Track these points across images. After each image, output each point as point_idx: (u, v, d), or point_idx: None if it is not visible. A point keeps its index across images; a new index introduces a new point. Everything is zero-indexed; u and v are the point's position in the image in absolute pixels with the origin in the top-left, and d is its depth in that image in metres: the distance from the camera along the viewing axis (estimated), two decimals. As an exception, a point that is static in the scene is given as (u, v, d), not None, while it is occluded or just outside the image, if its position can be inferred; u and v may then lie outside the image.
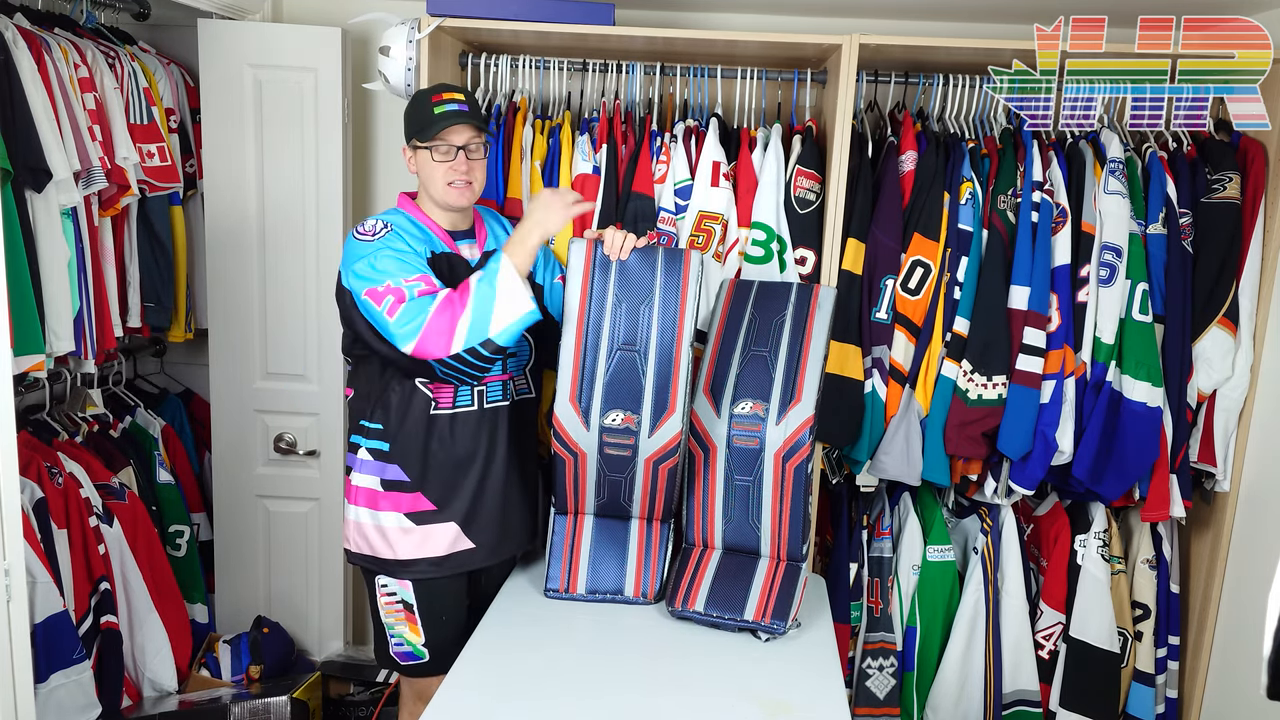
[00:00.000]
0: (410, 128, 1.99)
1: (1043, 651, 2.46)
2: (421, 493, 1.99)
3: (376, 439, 2.00)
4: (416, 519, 2.00)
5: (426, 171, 1.97)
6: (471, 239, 2.06)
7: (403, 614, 2.05)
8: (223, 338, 2.78)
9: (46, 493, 2.26)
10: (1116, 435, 2.27)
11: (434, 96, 1.96)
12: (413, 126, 1.98)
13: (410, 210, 2.02)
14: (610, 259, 2.04)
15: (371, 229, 1.92)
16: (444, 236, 2.00)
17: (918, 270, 2.30)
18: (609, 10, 2.26)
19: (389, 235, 1.90)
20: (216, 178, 2.69)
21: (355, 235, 1.93)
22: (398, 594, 2.04)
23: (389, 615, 2.06)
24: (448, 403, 1.98)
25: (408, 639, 2.06)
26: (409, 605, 2.04)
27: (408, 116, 2.00)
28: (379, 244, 1.88)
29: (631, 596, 2.06)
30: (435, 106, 1.94)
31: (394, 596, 2.04)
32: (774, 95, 2.51)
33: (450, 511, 2.01)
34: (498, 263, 1.85)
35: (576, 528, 2.12)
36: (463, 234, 2.05)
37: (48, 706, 2.16)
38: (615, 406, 1.98)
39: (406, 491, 2.00)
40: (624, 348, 2.00)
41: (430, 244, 1.97)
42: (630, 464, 2.01)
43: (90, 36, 2.46)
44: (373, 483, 2.00)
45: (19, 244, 2.05)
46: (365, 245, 1.89)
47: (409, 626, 2.05)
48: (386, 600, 2.05)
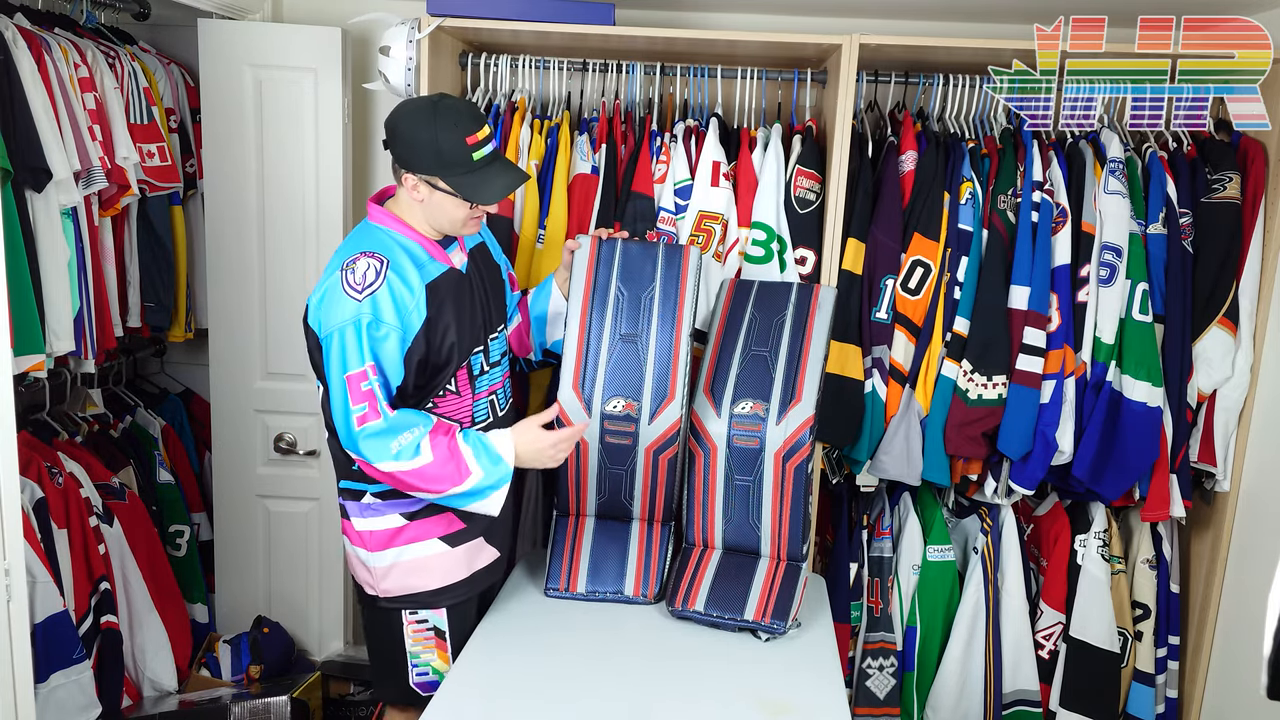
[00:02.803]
0: (430, 162, 1.73)
1: (1043, 651, 2.46)
2: (452, 511, 1.89)
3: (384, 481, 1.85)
4: (451, 540, 1.90)
5: (444, 208, 1.78)
6: (454, 242, 1.91)
7: (433, 642, 1.94)
8: (223, 338, 2.77)
9: (46, 493, 2.26)
10: (1116, 435, 2.27)
11: (468, 139, 1.73)
12: (435, 163, 1.73)
13: (393, 225, 1.83)
14: (612, 253, 2.04)
15: (361, 278, 1.72)
16: (434, 250, 1.85)
17: (918, 270, 2.30)
18: (609, 10, 2.26)
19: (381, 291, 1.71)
20: (216, 178, 2.69)
21: (344, 286, 1.71)
22: (429, 620, 1.93)
23: (417, 644, 1.94)
24: (467, 424, 1.90)
25: (434, 667, 1.95)
26: (441, 633, 1.94)
27: (425, 146, 1.72)
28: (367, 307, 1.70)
29: (631, 596, 2.06)
30: (473, 151, 1.73)
31: (425, 624, 1.93)
32: (774, 95, 2.51)
33: (477, 524, 1.92)
34: (503, 478, 1.80)
35: (577, 529, 2.13)
36: (447, 239, 1.90)
37: (48, 706, 2.16)
38: (616, 394, 2.02)
39: (434, 515, 1.89)
40: (626, 337, 2.04)
41: (424, 272, 1.80)
42: (630, 454, 2.03)
43: (90, 36, 2.46)
44: (391, 521, 1.87)
45: (19, 244, 2.04)
46: (351, 304, 1.70)
47: (438, 654, 1.95)
48: (417, 629, 1.93)
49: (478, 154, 1.74)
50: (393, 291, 1.73)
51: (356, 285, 1.72)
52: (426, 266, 1.82)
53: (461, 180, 1.75)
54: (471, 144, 1.73)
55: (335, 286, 1.73)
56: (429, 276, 1.81)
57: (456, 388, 1.87)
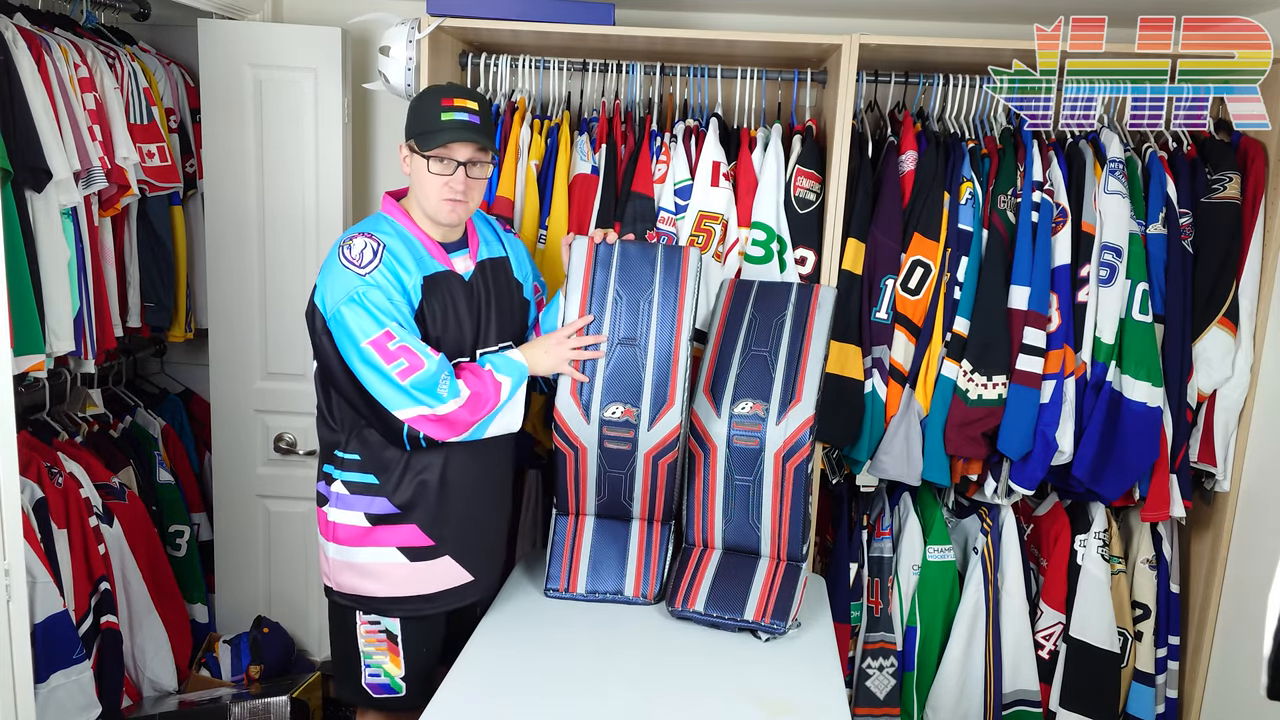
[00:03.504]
0: (412, 126, 1.83)
1: (1043, 651, 2.46)
2: (417, 525, 1.87)
3: (354, 470, 1.86)
4: (411, 554, 1.87)
5: (421, 179, 1.82)
6: (464, 249, 1.93)
7: (385, 644, 1.92)
8: (223, 338, 2.78)
9: (46, 493, 2.26)
10: (1116, 435, 2.27)
11: (444, 100, 1.79)
12: (414, 126, 1.82)
13: (399, 218, 1.87)
14: (610, 255, 2.04)
15: (359, 255, 1.76)
16: (436, 251, 1.86)
17: (918, 270, 2.30)
18: (609, 10, 2.26)
19: (378, 271, 1.76)
20: (216, 178, 2.69)
21: (342, 260, 1.76)
22: (381, 623, 1.92)
23: (369, 644, 1.92)
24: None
25: (386, 670, 1.93)
26: (393, 636, 1.91)
27: (412, 112, 1.84)
28: (370, 281, 1.74)
29: (631, 596, 2.06)
30: (443, 112, 1.78)
31: (377, 625, 1.91)
32: (774, 95, 2.51)
33: (447, 544, 1.90)
34: (522, 375, 1.89)
35: (577, 529, 2.12)
36: (455, 245, 1.91)
37: (48, 706, 2.16)
38: (615, 400, 2.00)
39: (399, 524, 1.87)
40: (624, 342, 2.02)
41: (422, 265, 1.83)
42: (630, 459, 2.02)
43: (90, 36, 2.46)
44: (355, 518, 1.86)
45: (19, 244, 2.04)
46: (352, 276, 1.74)
47: (390, 657, 1.92)
48: (369, 629, 1.91)
49: (446, 115, 1.79)
50: (390, 269, 1.79)
51: (355, 260, 1.77)
52: (425, 260, 1.85)
53: (423, 136, 1.80)
54: (445, 105, 1.79)
55: (334, 264, 1.78)
56: (427, 270, 1.85)
57: None
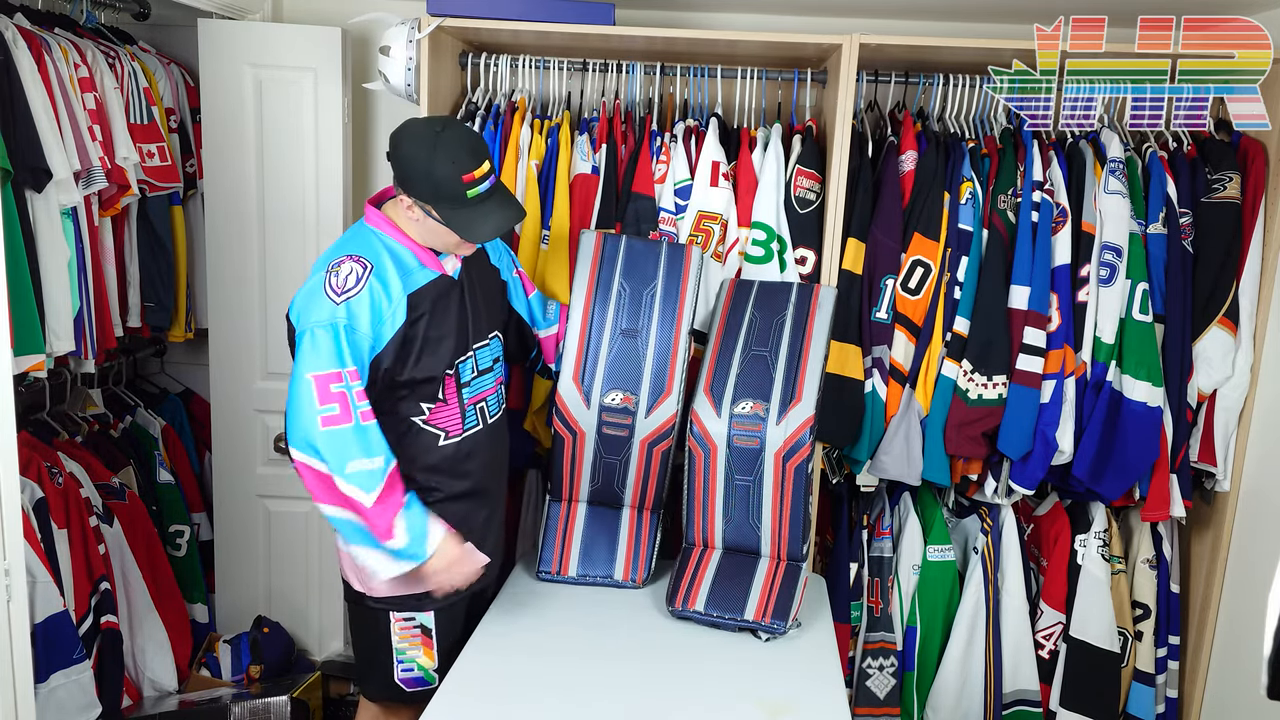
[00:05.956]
0: (422, 188, 1.74)
1: (1043, 651, 2.46)
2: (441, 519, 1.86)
3: None
4: None
5: (435, 234, 1.80)
6: None
7: (419, 638, 1.94)
8: (223, 338, 2.78)
9: (46, 492, 2.26)
10: (1117, 435, 2.27)
11: (465, 176, 1.72)
12: (426, 189, 1.74)
13: (386, 230, 1.83)
14: (616, 249, 2.05)
15: (343, 281, 1.73)
16: (427, 257, 1.84)
17: (918, 270, 2.30)
18: (609, 10, 2.26)
19: (357, 300, 1.72)
20: (216, 178, 2.69)
21: (327, 289, 1.72)
22: (416, 619, 1.93)
23: (403, 641, 1.94)
24: (456, 430, 1.89)
25: (420, 663, 1.95)
26: (428, 631, 1.93)
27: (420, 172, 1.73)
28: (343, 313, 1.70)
29: (621, 580, 2.10)
30: (468, 188, 1.73)
31: (412, 622, 1.93)
32: (774, 95, 2.51)
33: (469, 533, 1.90)
34: (414, 557, 1.74)
35: (570, 514, 2.17)
36: None
37: (48, 706, 2.16)
38: (615, 387, 2.07)
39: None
40: (626, 332, 2.09)
41: (409, 279, 1.80)
42: (626, 445, 2.08)
43: (90, 36, 2.46)
44: None
45: (19, 244, 2.05)
46: (327, 305, 1.71)
47: (423, 651, 1.94)
48: (404, 627, 1.93)
49: (472, 191, 1.74)
50: (372, 298, 1.74)
51: (337, 289, 1.73)
52: (414, 274, 1.82)
53: (454, 214, 1.76)
54: (467, 181, 1.74)
55: (319, 287, 1.74)
56: (414, 285, 1.81)
57: (444, 395, 1.87)
